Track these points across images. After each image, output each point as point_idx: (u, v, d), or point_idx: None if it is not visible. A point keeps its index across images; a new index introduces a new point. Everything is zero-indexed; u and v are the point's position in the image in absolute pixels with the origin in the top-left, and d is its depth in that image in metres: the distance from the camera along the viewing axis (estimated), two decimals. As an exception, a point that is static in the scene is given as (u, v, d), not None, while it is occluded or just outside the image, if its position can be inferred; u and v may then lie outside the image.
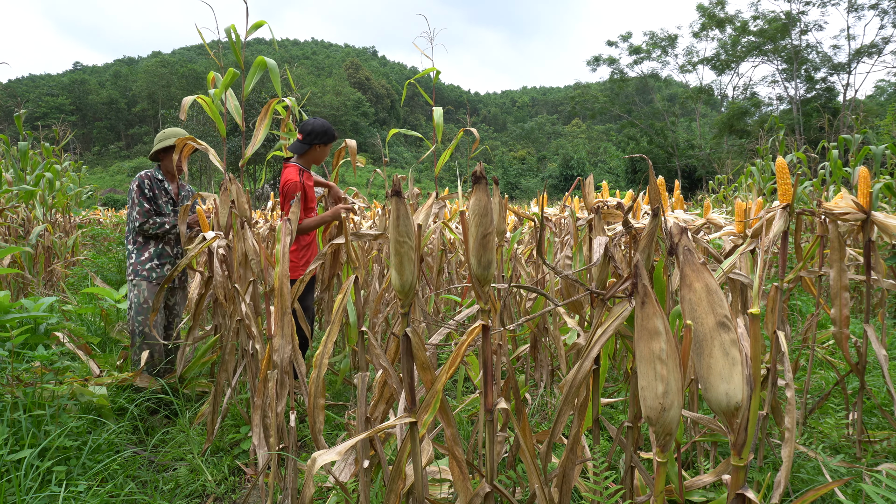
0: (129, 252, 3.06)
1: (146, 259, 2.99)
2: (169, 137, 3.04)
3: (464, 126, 3.06)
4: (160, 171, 3.07)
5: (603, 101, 40.26)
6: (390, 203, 1.14)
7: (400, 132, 3.01)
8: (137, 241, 3.00)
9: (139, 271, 2.97)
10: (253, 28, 2.26)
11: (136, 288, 2.98)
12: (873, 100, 35.27)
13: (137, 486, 2.15)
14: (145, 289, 2.95)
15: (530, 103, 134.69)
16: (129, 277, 3.01)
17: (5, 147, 5.93)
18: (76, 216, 8.48)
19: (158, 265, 3.01)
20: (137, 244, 3.01)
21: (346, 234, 1.95)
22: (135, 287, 2.98)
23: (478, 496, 1.24)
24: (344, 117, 73.63)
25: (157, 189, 3.02)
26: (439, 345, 1.75)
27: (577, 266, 2.09)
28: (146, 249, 3.00)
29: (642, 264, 0.84)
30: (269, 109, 2.32)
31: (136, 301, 2.97)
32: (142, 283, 2.96)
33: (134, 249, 3.02)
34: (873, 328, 2.06)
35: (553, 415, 2.64)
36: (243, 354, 2.47)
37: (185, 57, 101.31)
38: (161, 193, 3.02)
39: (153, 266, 3.00)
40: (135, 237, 3.01)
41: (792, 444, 1.48)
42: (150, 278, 2.97)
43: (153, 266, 3.00)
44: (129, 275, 3.01)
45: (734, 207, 2.59)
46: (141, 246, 3.00)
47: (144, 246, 3.00)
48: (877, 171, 5.16)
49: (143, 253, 3.00)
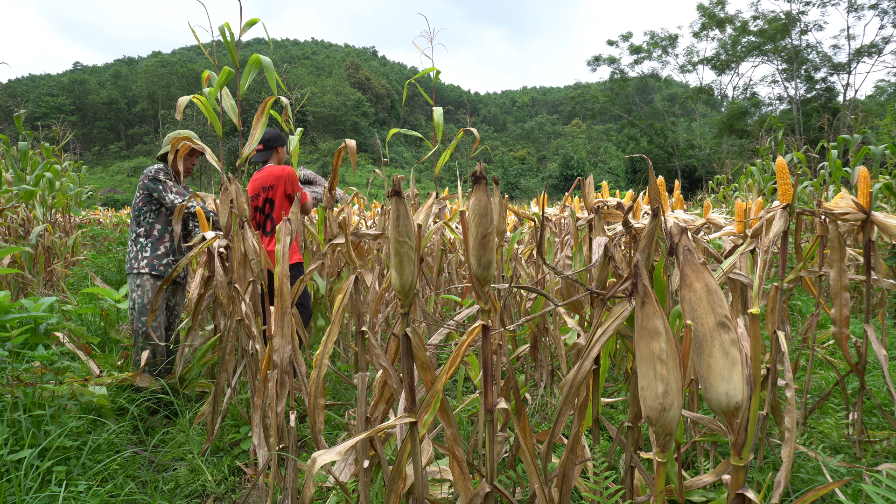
0: (141, 245, 2.95)
1: (163, 254, 2.94)
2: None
3: (464, 126, 3.06)
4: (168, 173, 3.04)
5: (603, 101, 40.27)
6: (390, 203, 1.14)
7: (400, 132, 3.02)
8: (153, 235, 2.94)
9: (155, 265, 2.91)
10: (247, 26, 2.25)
11: (139, 288, 2.91)
12: (873, 100, 35.27)
13: (137, 486, 2.15)
14: (150, 289, 2.89)
15: (530, 103, 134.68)
16: (142, 272, 2.90)
17: (5, 147, 5.94)
18: (76, 216, 8.48)
19: (174, 261, 2.96)
20: (153, 238, 2.94)
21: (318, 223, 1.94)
22: (139, 287, 2.91)
23: (478, 496, 1.24)
24: (344, 117, 73.61)
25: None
26: (439, 345, 1.75)
27: (577, 266, 2.09)
28: (162, 243, 2.95)
29: (642, 264, 0.84)
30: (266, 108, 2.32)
31: (139, 301, 2.91)
32: (146, 284, 2.90)
33: (148, 243, 2.94)
34: (873, 328, 2.06)
35: (553, 415, 2.64)
36: (243, 354, 2.47)
37: (185, 57, 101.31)
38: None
39: (170, 262, 2.95)
40: (149, 230, 2.93)
41: (792, 444, 1.48)
42: (165, 274, 2.92)
43: (170, 262, 2.95)
44: (142, 269, 2.90)
45: (734, 207, 2.59)
46: (156, 240, 2.94)
47: (160, 239, 2.95)
48: (876, 172, 5.15)
49: (159, 247, 2.94)
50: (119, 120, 78.20)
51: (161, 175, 2.92)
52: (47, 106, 69.50)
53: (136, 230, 2.98)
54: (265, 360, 1.91)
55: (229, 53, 2.23)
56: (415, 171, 3.48)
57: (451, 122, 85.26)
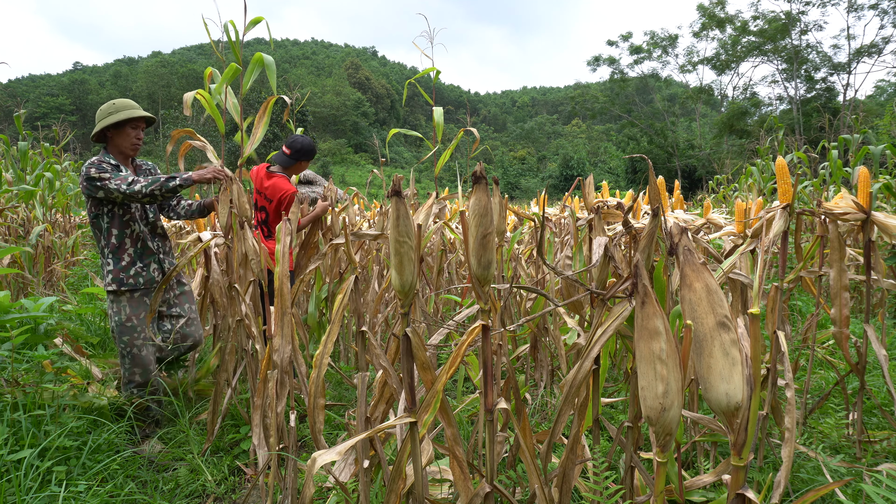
0: (103, 261, 2.51)
1: (127, 264, 2.50)
2: (121, 110, 2.48)
3: (464, 126, 3.06)
4: (110, 155, 2.50)
5: (603, 101, 40.25)
6: (390, 203, 1.14)
7: (400, 132, 3.02)
8: (111, 244, 2.49)
9: (123, 279, 2.48)
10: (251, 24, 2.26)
11: (115, 304, 2.49)
12: (873, 100, 35.26)
13: (137, 486, 2.15)
14: (126, 304, 2.48)
15: (530, 103, 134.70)
16: (110, 288, 2.48)
17: (5, 147, 5.94)
18: (76, 216, 8.47)
19: (143, 267, 2.53)
20: (112, 247, 2.49)
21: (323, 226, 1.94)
22: (114, 304, 2.49)
23: (478, 496, 1.24)
24: (344, 117, 73.60)
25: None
26: (439, 345, 1.75)
27: (577, 266, 2.09)
28: (123, 252, 2.50)
29: (642, 264, 0.84)
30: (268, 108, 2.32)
31: (117, 319, 2.48)
32: (121, 299, 2.49)
33: (109, 254, 2.49)
34: (873, 328, 2.06)
35: (553, 415, 2.64)
36: (243, 354, 2.47)
37: (185, 57, 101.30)
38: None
39: (138, 270, 2.51)
40: (107, 239, 2.49)
41: (792, 444, 1.48)
42: (138, 285, 2.50)
43: (138, 270, 2.51)
44: (109, 285, 2.49)
45: (734, 207, 2.59)
46: (116, 248, 2.49)
47: (120, 247, 2.49)
48: (876, 171, 5.15)
49: (122, 257, 2.49)
50: (119, 120, 78.09)
51: (93, 171, 2.37)
52: (47, 106, 69.51)
53: (99, 243, 2.55)
54: (265, 360, 1.91)
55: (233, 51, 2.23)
56: (415, 171, 3.49)
57: (451, 122, 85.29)
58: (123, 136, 2.50)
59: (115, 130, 2.50)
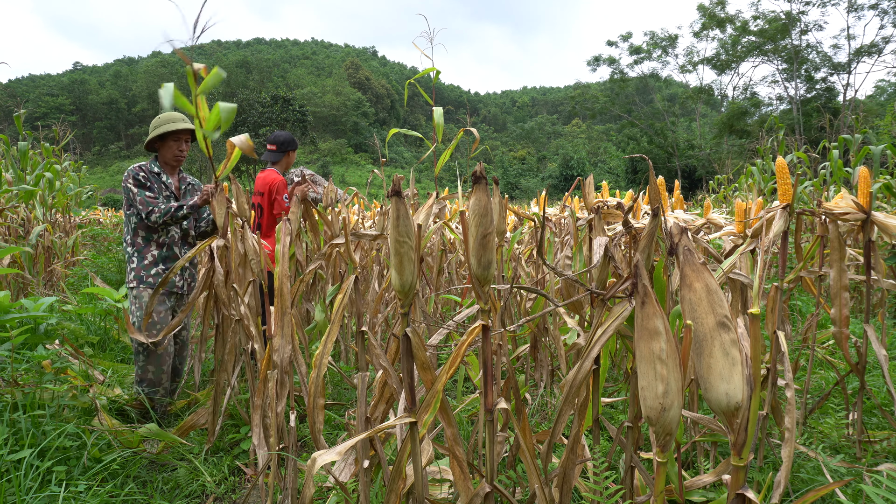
0: (128, 256, 2.64)
1: (150, 263, 2.60)
2: (165, 123, 2.64)
3: (464, 126, 3.06)
4: (157, 163, 2.70)
5: (603, 101, 40.26)
6: (390, 203, 1.14)
7: (400, 132, 3.02)
8: (137, 243, 2.62)
9: (143, 277, 2.58)
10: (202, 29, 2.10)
11: (137, 300, 2.59)
12: (873, 100, 35.27)
13: (137, 486, 2.15)
14: (146, 301, 2.56)
15: (530, 103, 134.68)
16: (131, 285, 2.60)
17: (5, 147, 5.93)
18: (76, 216, 8.48)
19: (165, 269, 2.62)
20: (137, 246, 2.62)
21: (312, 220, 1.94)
22: (136, 299, 2.59)
23: (478, 496, 1.24)
24: (344, 117, 73.61)
25: (155, 182, 2.63)
26: (439, 345, 1.75)
27: (577, 266, 2.09)
28: (148, 251, 2.61)
29: (642, 264, 0.84)
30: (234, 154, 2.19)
31: (139, 315, 2.58)
32: (143, 295, 2.57)
33: (134, 252, 2.62)
34: (873, 328, 2.06)
35: (553, 415, 2.64)
36: (242, 354, 2.47)
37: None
38: (160, 188, 2.65)
39: (159, 272, 2.61)
40: (133, 238, 2.63)
41: (792, 444, 1.48)
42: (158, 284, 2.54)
43: (159, 272, 2.61)
44: (131, 282, 2.61)
45: (734, 207, 2.59)
46: (142, 248, 2.61)
47: (146, 247, 2.61)
48: (876, 171, 5.15)
49: (146, 256, 2.61)
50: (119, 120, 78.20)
51: (131, 182, 2.56)
52: (47, 106, 69.55)
53: (126, 238, 2.69)
54: (265, 360, 1.91)
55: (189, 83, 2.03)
56: (415, 171, 3.49)
57: (451, 122, 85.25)
58: (167, 148, 2.70)
59: (161, 142, 2.69)
